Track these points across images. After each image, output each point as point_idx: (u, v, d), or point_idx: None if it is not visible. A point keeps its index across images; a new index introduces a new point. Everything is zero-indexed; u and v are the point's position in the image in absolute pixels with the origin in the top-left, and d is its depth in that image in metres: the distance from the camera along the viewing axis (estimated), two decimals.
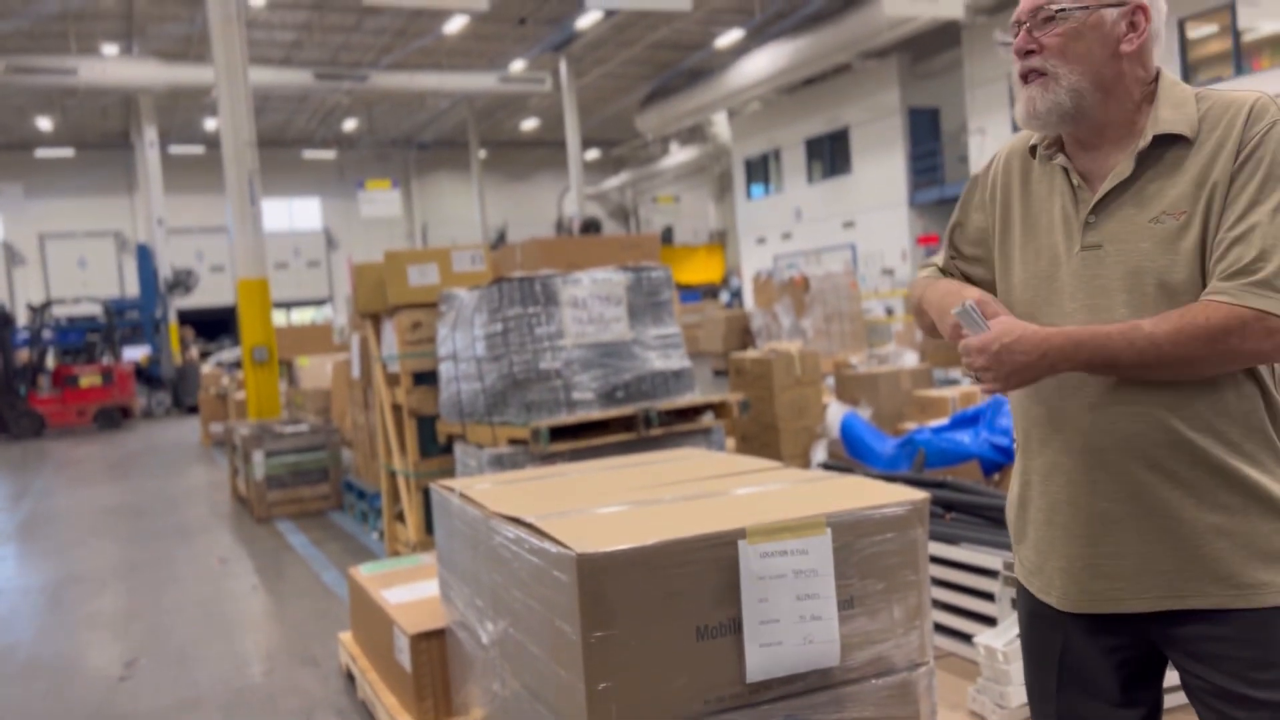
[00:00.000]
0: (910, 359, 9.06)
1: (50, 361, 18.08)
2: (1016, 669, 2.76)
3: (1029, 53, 1.51)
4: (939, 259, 1.78)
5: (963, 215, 1.73)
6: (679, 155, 33.29)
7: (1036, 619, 1.64)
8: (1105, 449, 1.47)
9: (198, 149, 29.95)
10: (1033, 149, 1.62)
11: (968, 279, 1.71)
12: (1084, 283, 1.49)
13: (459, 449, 4.98)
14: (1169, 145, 1.46)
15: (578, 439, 4.36)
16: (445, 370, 5.08)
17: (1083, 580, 1.52)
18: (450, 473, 5.15)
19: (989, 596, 3.28)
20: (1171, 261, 1.43)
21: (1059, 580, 1.55)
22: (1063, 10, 1.48)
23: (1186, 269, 1.42)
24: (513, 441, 4.44)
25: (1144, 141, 1.47)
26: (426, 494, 5.30)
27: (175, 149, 29.20)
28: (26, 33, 19.53)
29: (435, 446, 5.48)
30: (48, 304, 17.77)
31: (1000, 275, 1.64)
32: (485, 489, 2.70)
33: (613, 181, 36.79)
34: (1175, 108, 1.48)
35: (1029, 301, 1.56)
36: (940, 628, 3.38)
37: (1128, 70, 1.49)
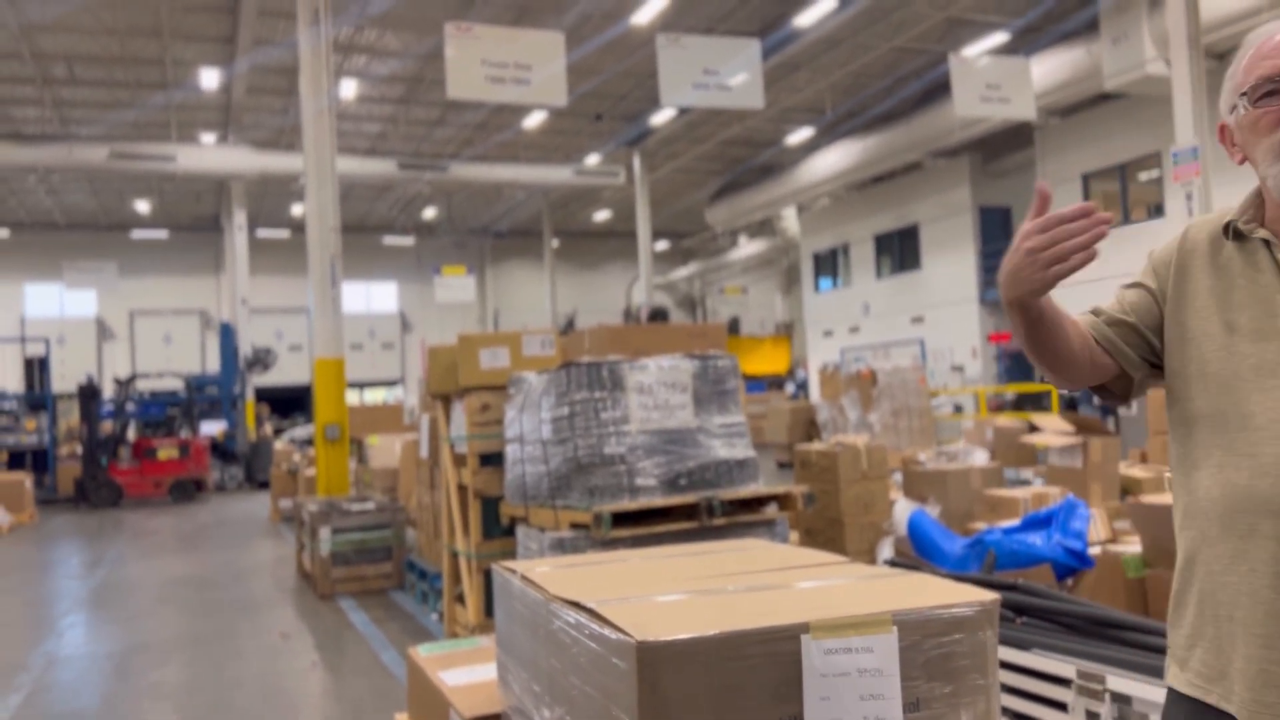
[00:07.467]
0: (980, 457, 8.88)
1: (131, 434, 18.66)
2: None
3: None
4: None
5: (1138, 279, 1.68)
6: (747, 248, 33.65)
7: None
8: None
9: (283, 233, 31.19)
10: (1227, 227, 1.57)
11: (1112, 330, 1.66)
12: None
13: (521, 531, 4.99)
14: None
15: (639, 525, 4.34)
16: (511, 452, 5.13)
17: (1256, 688, 1.42)
18: (511, 555, 5.15)
19: (1062, 706, 3.15)
20: None
21: (1239, 686, 1.44)
22: None
23: None
24: (575, 526, 4.44)
25: None
26: (487, 576, 5.31)
27: (262, 232, 30.47)
28: (131, 121, 20.74)
29: (498, 528, 5.51)
30: (133, 378, 18.42)
31: (1175, 343, 1.59)
32: (546, 572, 2.70)
33: (681, 272, 37.27)
34: None
35: (1234, 373, 1.49)
36: None
37: None
